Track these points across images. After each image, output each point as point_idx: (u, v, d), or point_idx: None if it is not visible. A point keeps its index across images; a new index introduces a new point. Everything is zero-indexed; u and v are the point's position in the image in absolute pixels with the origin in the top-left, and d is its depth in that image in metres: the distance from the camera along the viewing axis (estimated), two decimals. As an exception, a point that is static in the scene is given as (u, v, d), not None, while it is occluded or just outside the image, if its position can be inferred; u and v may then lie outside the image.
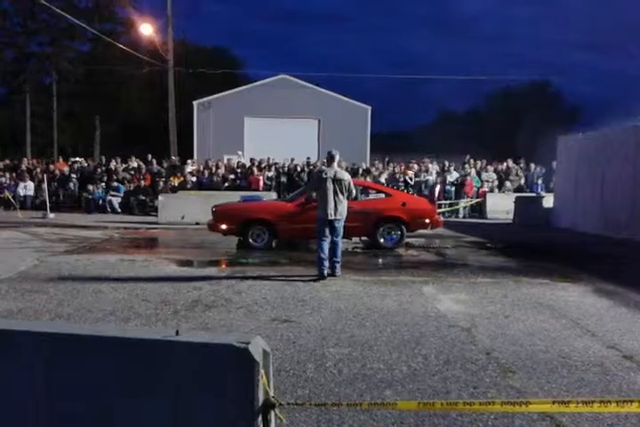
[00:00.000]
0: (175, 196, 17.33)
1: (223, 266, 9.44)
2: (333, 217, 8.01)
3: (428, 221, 11.36)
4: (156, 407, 2.40)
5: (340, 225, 8.14)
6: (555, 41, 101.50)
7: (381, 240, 11.12)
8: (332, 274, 7.99)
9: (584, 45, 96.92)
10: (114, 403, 2.44)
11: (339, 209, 8.05)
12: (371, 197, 11.73)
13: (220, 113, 30.64)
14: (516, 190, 19.97)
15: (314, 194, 8.85)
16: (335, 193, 8.04)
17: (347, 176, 8.25)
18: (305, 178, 20.04)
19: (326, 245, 7.99)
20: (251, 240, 10.86)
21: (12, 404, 2.50)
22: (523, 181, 20.64)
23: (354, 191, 8.43)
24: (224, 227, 10.99)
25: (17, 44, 39.82)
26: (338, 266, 8.13)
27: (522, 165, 21.76)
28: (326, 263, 7.91)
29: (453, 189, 20.15)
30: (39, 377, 2.48)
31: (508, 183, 20.28)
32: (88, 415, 2.45)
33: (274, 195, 16.71)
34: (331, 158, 8.32)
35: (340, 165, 8.68)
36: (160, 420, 2.40)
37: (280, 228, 10.80)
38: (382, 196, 11.65)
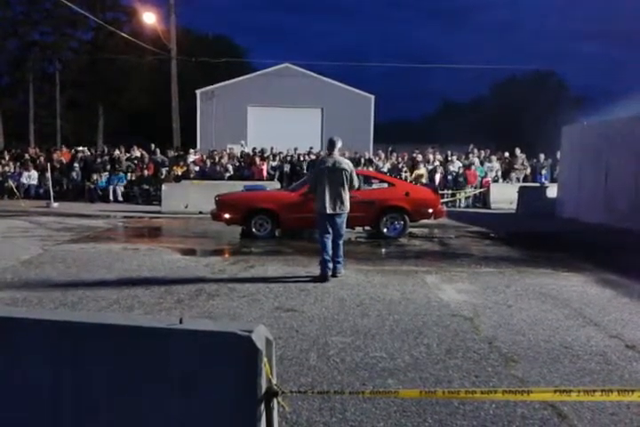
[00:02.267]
0: (178, 185, 17.32)
1: (226, 255, 9.45)
2: (332, 211, 7.18)
3: (431, 210, 11.35)
4: (159, 395, 2.41)
5: (341, 220, 7.28)
6: (560, 31, 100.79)
7: (384, 230, 11.12)
8: (334, 274, 7.22)
9: (589, 35, 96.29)
10: (117, 391, 2.45)
11: (338, 202, 7.18)
12: (374, 186, 11.72)
13: (223, 102, 30.55)
14: (522, 180, 19.88)
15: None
16: (335, 185, 7.17)
17: (348, 165, 7.33)
18: (305, 167, 19.97)
19: (329, 244, 7.24)
20: (254, 229, 10.87)
21: (15, 393, 2.52)
22: (529, 171, 20.54)
23: (356, 181, 7.39)
24: (227, 216, 11.00)
25: (20, 34, 39.64)
26: (339, 266, 7.34)
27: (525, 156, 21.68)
28: (330, 265, 7.21)
29: (456, 178, 20.09)
30: (43, 365, 2.49)
31: (513, 174, 20.16)
32: (90, 404, 2.47)
33: (277, 184, 16.70)
34: (331, 145, 7.41)
35: (342, 154, 7.85)
36: (162, 408, 2.41)
37: (283, 217, 10.81)
38: (385, 185, 11.64)
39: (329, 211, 7.19)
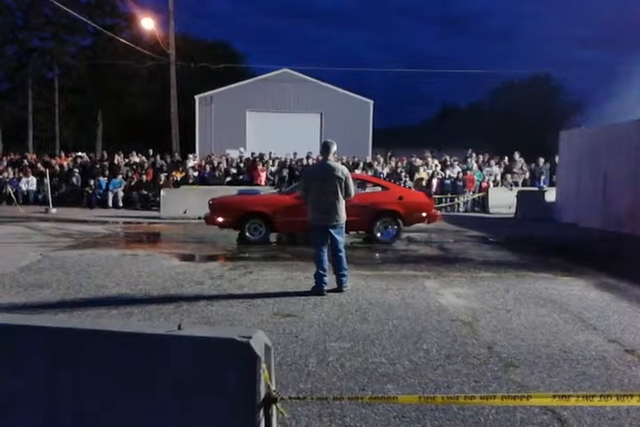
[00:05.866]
0: (177, 190, 17.34)
1: (225, 260, 9.44)
2: (326, 223, 6.65)
3: (424, 214, 11.32)
4: (157, 402, 2.41)
5: (337, 232, 6.69)
6: (558, 37, 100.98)
7: (378, 234, 11.07)
8: (339, 289, 6.73)
9: (587, 41, 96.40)
10: (115, 398, 2.45)
11: (332, 213, 6.62)
12: (367, 190, 11.68)
13: (221, 107, 30.56)
14: (521, 185, 19.90)
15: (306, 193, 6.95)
16: (328, 194, 6.62)
17: (342, 172, 6.70)
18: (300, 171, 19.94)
19: (325, 258, 6.70)
20: (248, 234, 10.81)
21: (14, 399, 2.51)
22: (528, 175, 20.56)
23: (352, 190, 6.77)
24: (220, 220, 10.92)
25: (19, 39, 39.77)
26: (345, 279, 6.81)
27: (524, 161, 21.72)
28: (326, 279, 6.65)
29: (455, 183, 20.10)
30: (41, 373, 2.49)
31: (510, 177, 20.17)
32: (89, 411, 2.46)
33: (273, 190, 16.68)
34: (325, 150, 6.88)
35: (338, 159, 7.54)
36: (161, 414, 2.41)
37: (277, 221, 10.74)
38: (379, 189, 11.61)
39: (322, 222, 6.67)
